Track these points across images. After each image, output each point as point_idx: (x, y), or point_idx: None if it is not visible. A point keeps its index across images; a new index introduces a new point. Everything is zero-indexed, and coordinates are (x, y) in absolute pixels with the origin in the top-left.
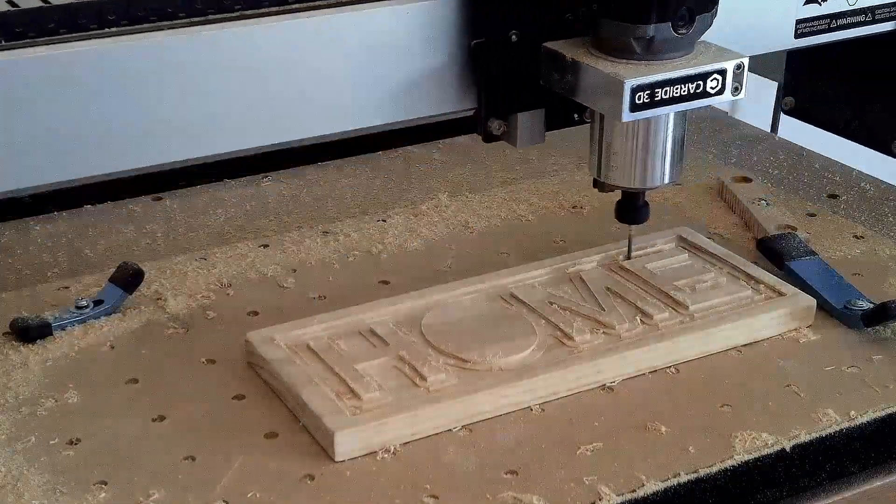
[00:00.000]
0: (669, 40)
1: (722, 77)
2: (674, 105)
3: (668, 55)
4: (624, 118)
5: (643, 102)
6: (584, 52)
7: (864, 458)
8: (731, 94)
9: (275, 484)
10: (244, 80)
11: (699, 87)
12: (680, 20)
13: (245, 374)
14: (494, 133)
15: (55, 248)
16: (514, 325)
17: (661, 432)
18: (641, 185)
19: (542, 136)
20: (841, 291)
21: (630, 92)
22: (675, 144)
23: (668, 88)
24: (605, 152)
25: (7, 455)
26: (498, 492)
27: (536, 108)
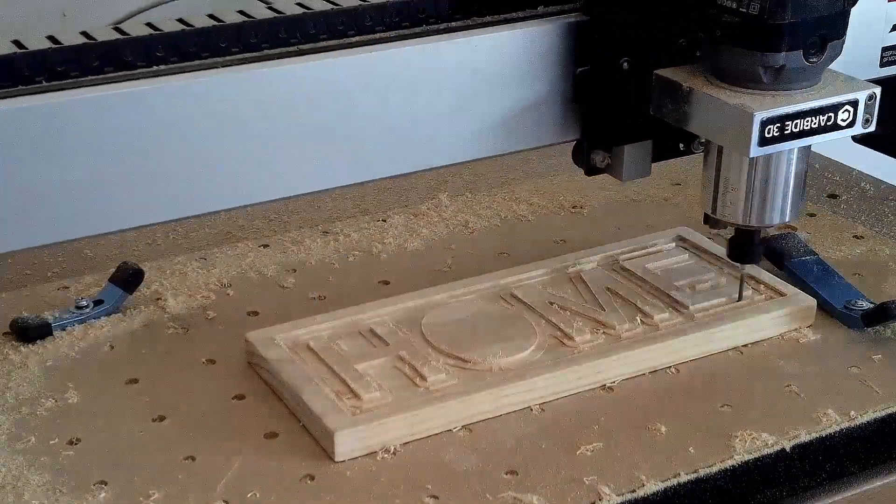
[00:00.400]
0: (800, 69)
1: (854, 108)
2: (803, 139)
3: (797, 85)
4: (752, 153)
5: (772, 136)
6: (701, 81)
7: (864, 458)
8: (862, 125)
9: (275, 484)
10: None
11: (830, 120)
12: (812, 48)
13: (245, 374)
14: (598, 166)
15: (55, 248)
16: (514, 325)
17: (661, 432)
18: (759, 223)
19: (649, 168)
20: (841, 291)
21: (759, 125)
22: (797, 180)
23: (799, 121)
24: (721, 187)
25: (7, 455)
26: (498, 492)
27: (643, 140)
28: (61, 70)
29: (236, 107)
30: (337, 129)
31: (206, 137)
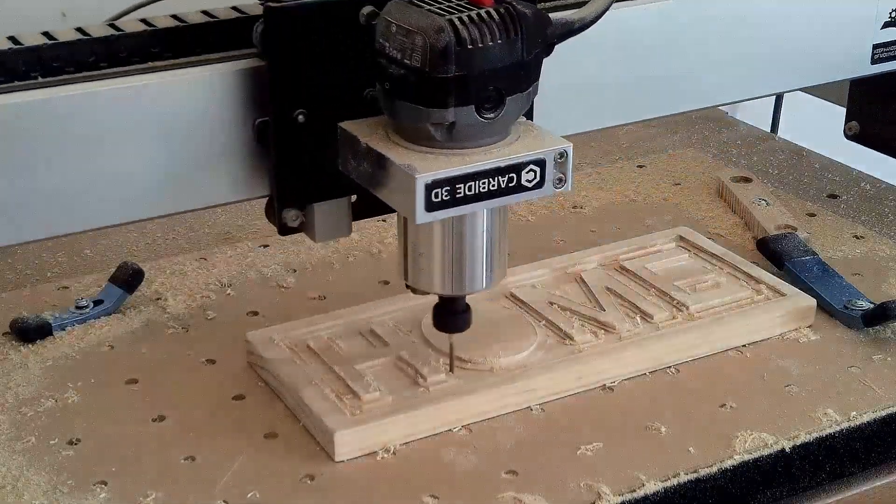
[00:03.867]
0: (475, 126)
1: (540, 168)
2: (481, 202)
3: (475, 142)
4: (418, 220)
5: (442, 200)
6: (381, 137)
7: (864, 458)
8: (554, 185)
9: (275, 484)
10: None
11: (512, 181)
12: (486, 103)
13: (245, 374)
14: (290, 225)
15: (55, 248)
16: (514, 325)
17: (661, 432)
18: (456, 291)
19: (349, 227)
20: (841, 291)
21: (424, 188)
22: (492, 244)
23: (473, 183)
24: (411, 254)
25: (7, 455)
26: (498, 492)
27: (337, 197)
28: (56, 66)
29: (227, 103)
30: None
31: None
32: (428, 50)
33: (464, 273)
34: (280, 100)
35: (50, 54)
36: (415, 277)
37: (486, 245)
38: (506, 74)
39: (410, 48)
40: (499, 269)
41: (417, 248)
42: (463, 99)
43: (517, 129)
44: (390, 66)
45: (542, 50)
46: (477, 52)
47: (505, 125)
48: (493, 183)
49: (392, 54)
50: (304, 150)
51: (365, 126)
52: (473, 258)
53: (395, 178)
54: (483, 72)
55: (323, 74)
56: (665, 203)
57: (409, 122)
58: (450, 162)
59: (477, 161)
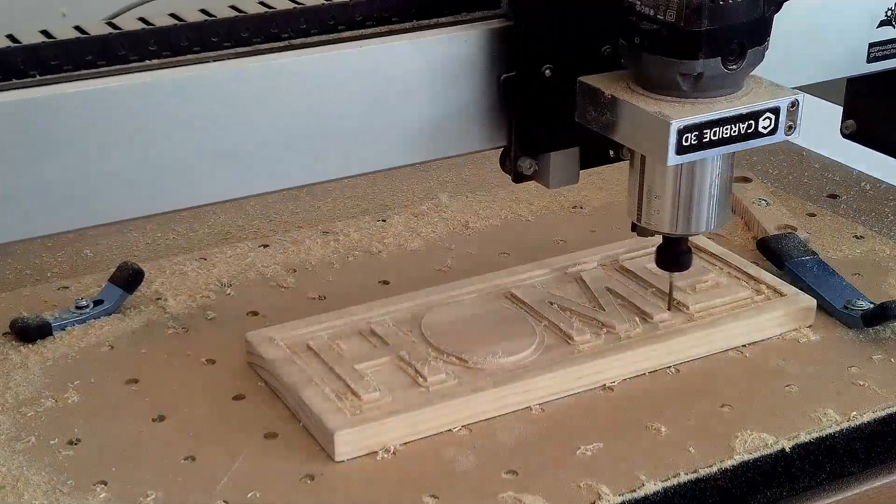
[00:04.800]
0: (719, 76)
1: (775, 116)
2: (723, 147)
3: (717, 92)
4: (670, 162)
5: (690, 144)
6: (623, 88)
7: (864, 458)
8: (785, 132)
9: (275, 484)
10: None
11: (751, 127)
12: (731, 55)
13: (245, 374)
14: (525, 173)
15: (55, 248)
16: (514, 325)
17: (661, 432)
18: (685, 231)
19: (577, 175)
20: (841, 291)
21: (676, 133)
22: (722, 188)
23: (718, 129)
24: (646, 196)
25: (7, 455)
26: (498, 492)
27: (570, 147)
28: (55, 64)
29: (228, 100)
30: (320, 124)
31: (198, 130)
32: (684, 6)
33: (691, 215)
34: (528, 56)
35: (145, 38)
36: (647, 218)
37: (715, 189)
38: (748, 29)
39: (665, 4)
40: (724, 212)
41: (653, 190)
42: (711, 51)
43: (749, 82)
44: (642, 22)
45: (776, 6)
46: (726, 8)
47: (743, 76)
48: (735, 129)
49: (644, 11)
50: (547, 103)
51: (605, 79)
52: (701, 201)
53: (646, 125)
54: (730, 26)
55: (567, 32)
56: None
57: (658, 73)
58: (697, 109)
59: (721, 108)
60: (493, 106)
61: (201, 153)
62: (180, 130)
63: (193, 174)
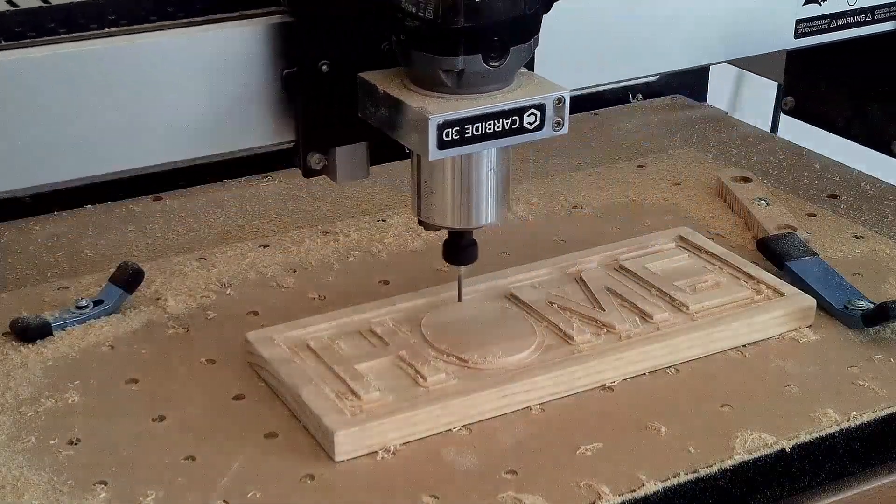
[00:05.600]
0: (482, 73)
1: (540, 112)
2: (487, 142)
3: (483, 88)
4: (431, 156)
5: (452, 139)
6: (397, 84)
7: (864, 458)
8: (553, 129)
9: (275, 484)
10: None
11: (515, 123)
12: (492, 52)
13: (245, 374)
14: (314, 168)
15: (55, 248)
16: (514, 325)
17: (661, 432)
18: (463, 224)
19: (366, 170)
20: (841, 291)
21: (436, 128)
22: (499, 182)
23: (480, 124)
24: (423, 190)
25: (7, 455)
26: (498, 492)
27: (357, 142)
28: (18, 31)
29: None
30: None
31: (233, 82)
32: (440, 4)
33: (471, 208)
34: (306, 52)
35: (83, 11)
36: (427, 212)
37: (492, 183)
38: (509, 27)
39: (425, 2)
40: (503, 206)
41: (430, 185)
42: (471, 48)
43: (520, 78)
44: (406, 19)
45: (541, 5)
46: (484, 6)
47: (509, 73)
48: (498, 125)
49: (407, 8)
50: (327, 99)
51: (382, 76)
52: (479, 194)
53: (411, 120)
54: (489, 24)
55: (345, 29)
56: (665, 203)
57: (422, 69)
58: (459, 105)
59: (483, 104)
60: (279, 101)
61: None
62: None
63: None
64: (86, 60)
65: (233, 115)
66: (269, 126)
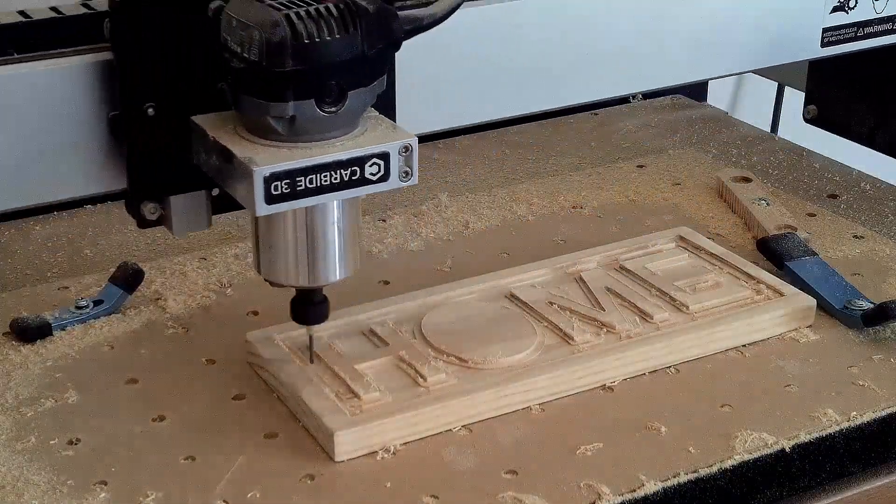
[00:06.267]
0: (316, 119)
1: (384, 161)
2: (325, 195)
3: (320, 135)
4: (259, 212)
5: (283, 193)
6: (229, 130)
7: (864, 458)
8: (400, 179)
9: (275, 484)
10: None
11: (356, 174)
12: (327, 96)
13: (245, 374)
14: (148, 218)
15: (55, 248)
16: (514, 325)
17: (661, 432)
18: (306, 282)
19: (208, 221)
20: (841, 291)
21: (263, 181)
22: (346, 234)
23: (315, 176)
24: (262, 246)
25: (7, 455)
26: (498, 492)
27: (194, 190)
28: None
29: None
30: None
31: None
32: (264, 44)
33: (317, 265)
34: (129, 93)
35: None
36: (267, 269)
37: (337, 236)
38: (346, 69)
39: (248, 42)
40: (352, 259)
41: (268, 241)
42: (302, 93)
43: (365, 123)
44: (232, 60)
45: (386, 45)
46: (314, 47)
47: (349, 119)
48: (336, 176)
49: (234, 48)
50: (157, 144)
51: (215, 119)
52: (326, 250)
53: (238, 171)
54: (321, 66)
55: (172, 68)
56: (665, 203)
57: (252, 115)
58: (291, 155)
59: (318, 154)
60: (108, 146)
61: None
62: None
63: None
64: None
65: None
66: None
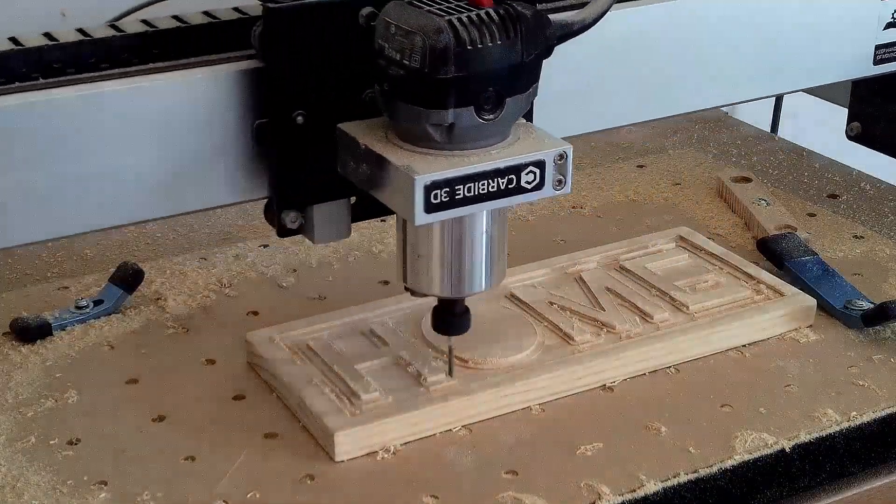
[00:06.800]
0: (475, 127)
1: (540, 170)
2: (481, 203)
3: (475, 143)
4: (418, 221)
5: (441, 202)
6: (380, 138)
7: (864, 458)
8: (554, 188)
9: (275, 484)
10: None
11: (512, 182)
12: (485, 104)
13: (245, 374)
14: (289, 227)
15: (55, 248)
16: (514, 325)
17: (661, 432)
18: (454, 293)
19: (348, 229)
20: (841, 291)
21: (423, 190)
22: (494, 244)
23: (473, 185)
24: (409, 255)
25: (7, 455)
26: (498, 492)
27: (337, 199)
28: (57, 67)
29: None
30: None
31: (198, 134)
32: (427, 51)
33: (463, 275)
34: (278, 101)
35: (51, 56)
36: (414, 279)
37: (486, 247)
38: (505, 75)
39: (410, 49)
40: (498, 270)
41: (417, 249)
42: (462, 100)
43: (517, 131)
44: (390, 67)
45: (541, 51)
46: (476, 53)
47: (505, 126)
48: (493, 184)
49: (391, 55)
50: (303, 152)
51: (364, 127)
52: (473, 260)
53: (394, 180)
54: (482, 73)
55: (322, 76)
56: (665, 203)
57: (408, 123)
58: (449, 163)
59: (476, 162)
60: (251, 155)
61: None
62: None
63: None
64: (24, 113)
65: (197, 171)
66: (238, 182)
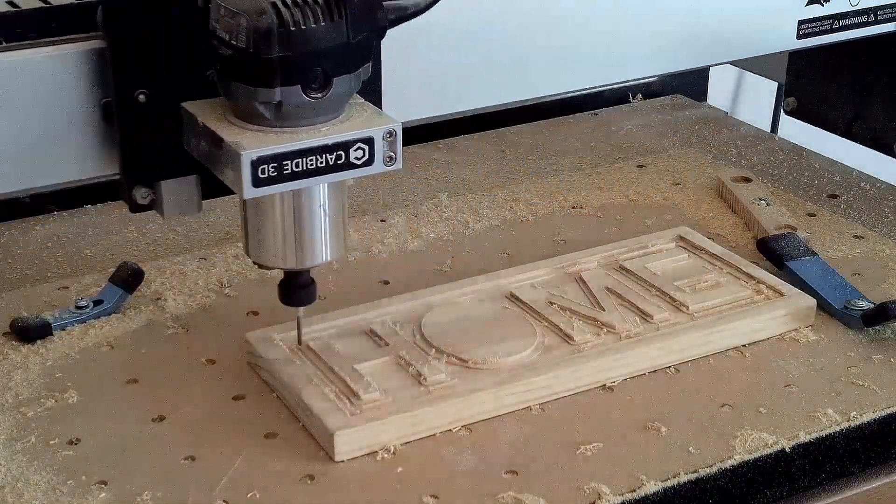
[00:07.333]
0: (303, 105)
1: (369, 146)
2: (310, 178)
3: (306, 121)
4: (246, 195)
5: (269, 176)
6: (218, 116)
7: (864, 458)
8: (384, 163)
9: (275, 484)
10: None
11: (341, 158)
12: (313, 83)
13: (245, 374)
14: (140, 202)
15: (55, 248)
16: (514, 325)
17: (661, 432)
18: (294, 264)
19: (198, 205)
20: (841, 291)
21: (250, 165)
22: (333, 218)
23: (301, 160)
24: (250, 229)
25: (7, 455)
26: (498, 492)
27: (185, 175)
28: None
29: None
30: None
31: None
32: (252, 31)
33: (304, 247)
34: (121, 80)
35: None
36: (256, 252)
37: (323, 220)
38: (331, 55)
39: (236, 30)
40: (338, 243)
41: (255, 222)
42: (289, 79)
43: (350, 109)
44: (220, 48)
45: (371, 33)
46: (300, 34)
47: (335, 105)
48: (322, 160)
49: (222, 36)
50: (148, 130)
51: (204, 106)
52: (312, 233)
53: (226, 156)
54: (307, 53)
55: (164, 56)
56: (665, 203)
57: (240, 101)
58: (278, 139)
59: (304, 139)
60: (103, 132)
61: None
62: None
63: None
64: None
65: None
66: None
